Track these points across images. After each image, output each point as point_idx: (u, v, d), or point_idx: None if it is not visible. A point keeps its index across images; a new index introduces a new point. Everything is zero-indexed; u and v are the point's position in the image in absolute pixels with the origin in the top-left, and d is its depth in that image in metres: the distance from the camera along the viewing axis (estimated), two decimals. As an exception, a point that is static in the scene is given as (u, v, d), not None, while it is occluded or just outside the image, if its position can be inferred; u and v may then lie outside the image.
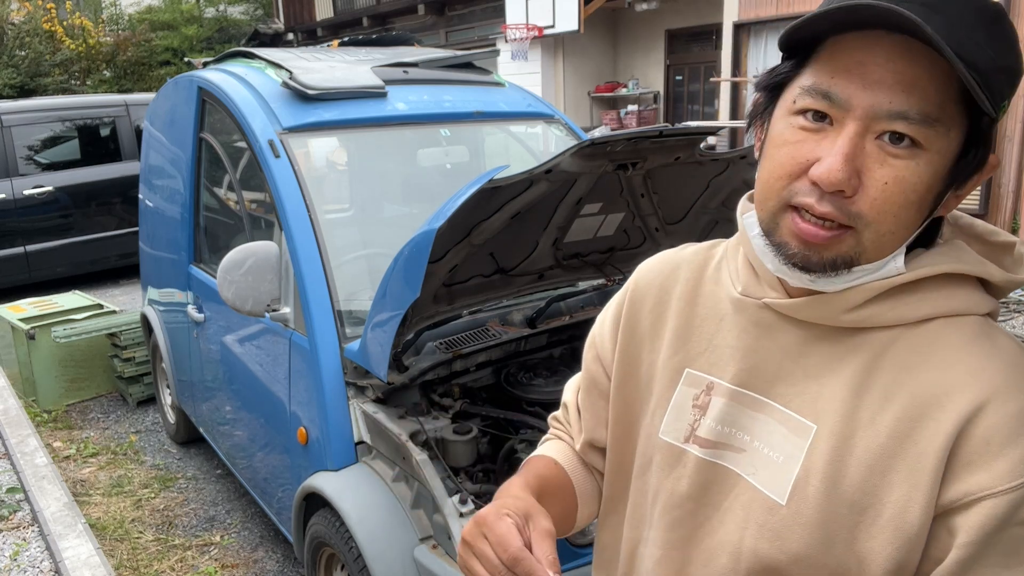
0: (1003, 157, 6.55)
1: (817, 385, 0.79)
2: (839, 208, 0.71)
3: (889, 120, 0.70)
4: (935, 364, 0.74)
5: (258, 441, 2.97)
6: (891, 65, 0.70)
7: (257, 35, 15.95)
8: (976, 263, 0.78)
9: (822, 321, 0.79)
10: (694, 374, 0.89)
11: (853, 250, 0.73)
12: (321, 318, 2.38)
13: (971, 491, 0.69)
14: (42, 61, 14.02)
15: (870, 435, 0.74)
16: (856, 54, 0.71)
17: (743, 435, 0.83)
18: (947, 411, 0.71)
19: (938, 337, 0.76)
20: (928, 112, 0.69)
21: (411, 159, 3.19)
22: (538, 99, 3.46)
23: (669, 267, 0.97)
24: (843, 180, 0.70)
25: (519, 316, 2.67)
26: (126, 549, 3.30)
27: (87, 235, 7.55)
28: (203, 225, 3.49)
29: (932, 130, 0.70)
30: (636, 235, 2.78)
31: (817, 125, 0.73)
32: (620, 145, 2.17)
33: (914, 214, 0.73)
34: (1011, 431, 0.69)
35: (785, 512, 0.77)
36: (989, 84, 0.69)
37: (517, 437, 2.27)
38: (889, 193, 0.71)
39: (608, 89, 11.47)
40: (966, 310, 0.77)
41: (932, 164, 0.71)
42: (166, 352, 3.99)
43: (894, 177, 0.71)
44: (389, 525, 2.10)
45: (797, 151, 0.74)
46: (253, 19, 17.44)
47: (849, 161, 0.70)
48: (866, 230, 0.72)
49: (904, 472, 0.72)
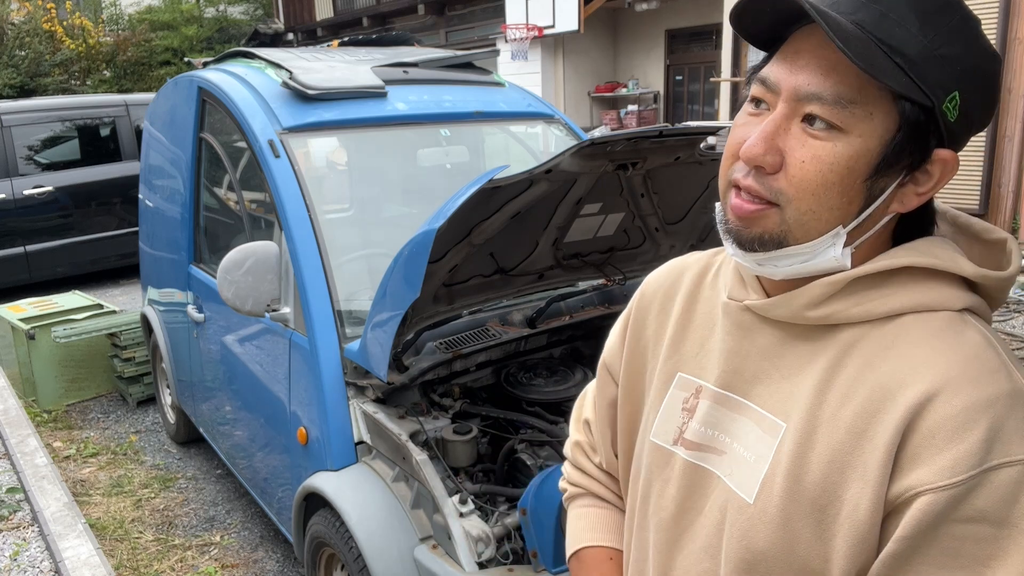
0: (1003, 157, 6.55)
1: (790, 384, 0.79)
2: (761, 183, 0.75)
3: (807, 101, 0.73)
4: (895, 357, 0.74)
5: (258, 441, 2.97)
6: (819, 51, 0.73)
7: (257, 35, 15.94)
8: (948, 259, 0.77)
9: (790, 319, 0.80)
10: (685, 378, 0.90)
11: (778, 227, 0.76)
12: (321, 318, 2.37)
13: (912, 485, 0.68)
14: (42, 61, 14.01)
15: (830, 431, 0.74)
16: (795, 44, 0.76)
17: (724, 437, 0.84)
18: (898, 403, 0.71)
19: (903, 331, 0.75)
20: (842, 93, 0.72)
21: (411, 159, 3.19)
22: (538, 99, 3.46)
23: (675, 274, 0.99)
24: (759, 155, 0.74)
25: (519, 316, 2.67)
26: (126, 549, 3.30)
27: (87, 235, 7.55)
28: (203, 225, 3.49)
29: (848, 112, 0.72)
30: (636, 235, 2.78)
31: (757, 111, 0.78)
32: (620, 145, 2.17)
33: (836, 196, 0.74)
34: (957, 425, 0.68)
35: (752, 511, 0.78)
36: (921, 71, 0.71)
37: (517, 437, 2.27)
38: (806, 171, 0.73)
39: (608, 89, 11.47)
40: (937, 305, 0.76)
41: (852, 146, 0.73)
42: (166, 352, 3.99)
43: (811, 156, 0.73)
44: (389, 525, 2.10)
45: (739, 133, 0.78)
46: (253, 19, 17.44)
47: (768, 139, 0.74)
48: (788, 207, 0.75)
49: (859, 468, 0.72)
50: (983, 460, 0.67)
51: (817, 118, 0.73)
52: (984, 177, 6.61)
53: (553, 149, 3.32)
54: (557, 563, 1.88)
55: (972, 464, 0.67)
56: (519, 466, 2.22)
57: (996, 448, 0.67)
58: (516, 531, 1.98)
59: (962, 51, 0.72)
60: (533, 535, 1.89)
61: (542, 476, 1.92)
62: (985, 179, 6.61)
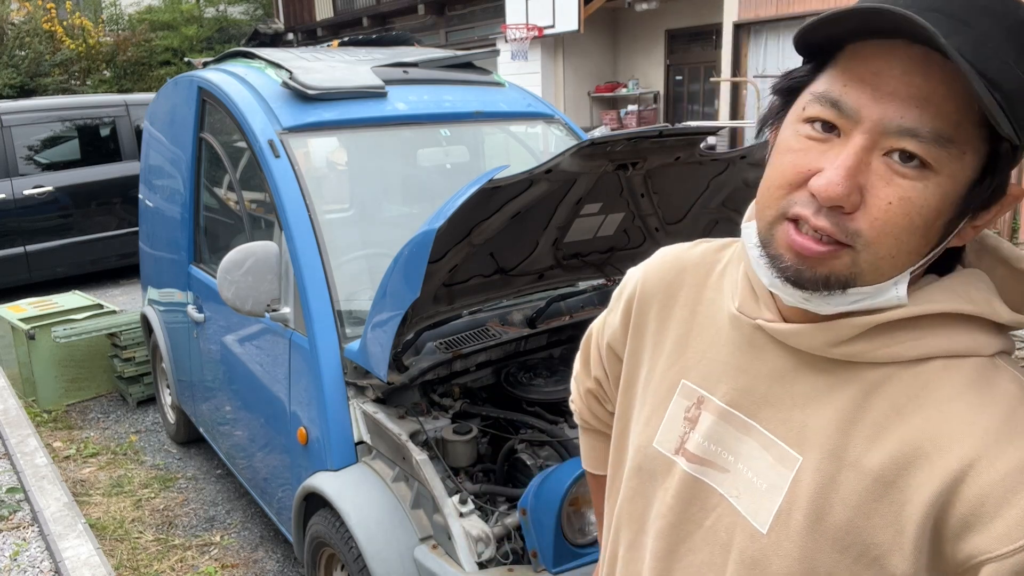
0: (1003, 157, 6.55)
1: (803, 415, 0.76)
2: (836, 224, 0.68)
3: (899, 137, 0.65)
4: (926, 410, 0.71)
5: (258, 441, 2.97)
6: (907, 78, 0.65)
7: (257, 35, 15.94)
8: (984, 302, 0.73)
9: (812, 351, 0.76)
10: (688, 386, 0.88)
11: (848, 269, 0.69)
12: (321, 318, 2.38)
13: (973, 554, 0.67)
14: (42, 61, 14.00)
15: (856, 475, 0.72)
16: (873, 63, 0.67)
17: (728, 455, 0.82)
18: (936, 466, 0.68)
19: (933, 380, 0.72)
20: (941, 131, 0.65)
21: (411, 159, 3.20)
22: (538, 99, 3.46)
23: (676, 269, 0.95)
24: (842, 195, 0.66)
25: (519, 316, 2.67)
26: (126, 549, 3.30)
27: (87, 235, 7.54)
28: (203, 225, 3.49)
29: (944, 151, 0.65)
30: (636, 235, 2.78)
31: (824, 135, 0.69)
32: (620, 145, 2.17)
33: (918, 239, 0.68)
34: (1005, 490, 0.66)
35: (766, 542, 0.76)
36: (1013, 107, 0.64)
37: (517, 437, 2.27)
38: (892, 214, 0.67)
39: (608, 89, 11.47)
40: (968, 351, 0.72)
41: (942, 187, 0.66)
42: (166, 352, 3.99)
43: (899, 197, 0.66)
44: (389, 525, 2.10)
45: (800, 160, 0.70)
46: (253, 19, 17.44)
47: (851, 176, 0.66)
48: (864, 250, 0.68)
49: (889, 517, 0.70)
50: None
51: (912, 155, 0.65)
52: (984, 177, 6.61)
53: (553, 149, 3.31)
54: (557, 563, 1.88)
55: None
56: (519, 466, 2.22)
57: None
58: (516, 531, 1.98)
59: None
60: (533, 535, 1.89)
61: (542, 476, 1.92)
62: (985, 179, 6.61)
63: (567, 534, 1.89)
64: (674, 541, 0.86)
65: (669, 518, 0.87)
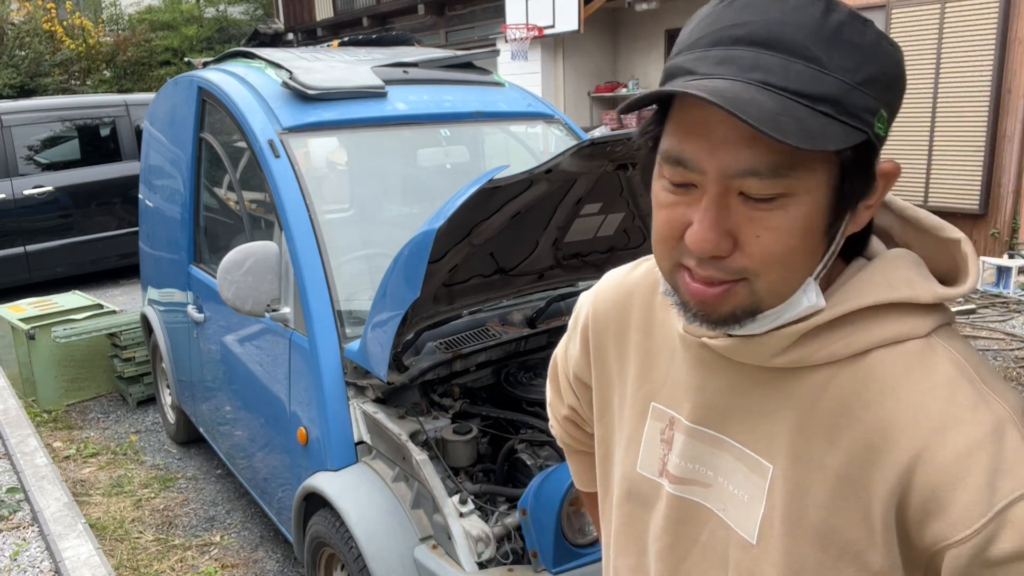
0: (1003, 157, 6.55)
1: (767, 423, 0.78)
2: (719, 268, 0.70)
3: (742, 179, 0.66)
4: (872, 406, 0.72)
5: (258, 441, 2.97)
6: (730, 121, 0.65)
7: (257, 35, 15.93)
8: (905, 285, 0.74)
9: (756, 363, 0.77)
10: (659, 408, 0.89)
11: (748, 300, 0.71)
12: (321, 318, 2.37)
13: (935, 541, 0.69)
14: (42, 61, 14.00)
15: (822, 477, 0.74)
16: (697, 113, 0.68)
17: (707, 471, 0.83)
18: (888, 460, 0.70)
19: (874, 373, 0.73)
20: (778, 163, 0.65)
21: (411, 159, 3.19)
22: (538, 99, 3.46)
23: (624, 292, 0.95)
24: (712, 248, 0.68)
25: (519, 316, 2.67)
26: (126, 549, 3.30)
27: (87, 235, 7.55)
28: (203, 225, 3.49)
29: (788, 179, 0.66)
30: (636, 235, 2.78)
31: (683, 190, 0.71)
32: (620, 145, 2.17)
33: (802, 255, 0.70)
34: (953, 476, 0.68)
35: (756, 551, 0.78)
36: (846, 107, 0.65)
37: (517, 437, 2.27)
38: (765, 246, 0.68)
39: (608, 89, 11.47)
40: (902, 336, 0.73)
41: (805, 205, 0.68)
42: (166, 352, 3.99)
43: (765, 229, 0.68)
44: (389, 525, 2.10)
45: (672, 215, 0.72)
46: (253, 19, 17.43)
47: (715, 226, 0.68)
48: (756, 280, 0.70)
49: (859, 514, 0.72)
50: (991, 503, 0.66)
51: (759, 195, 0.67)
52: (984, 177, 6.61)
53: (553, 149, 3.31)
54: (557, 563, 1.88)
55: (981, 511, 0.66)
56: (519, 466, 2.22)
57: (1000, 486, 0.66)
58: (516, 531, 1.98)
59: (875, 67, 0.67)
60: (533, 535, 1.89)
61: (542, 476, 1.92)
62: (985, 179, 6.61)
63: (567, 534, 1.89)
64: (675, 561, 0.87)
65: (665, 539, 0.87)
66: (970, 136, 6.62)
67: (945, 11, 6.57)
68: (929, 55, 6.70)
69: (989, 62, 6.40)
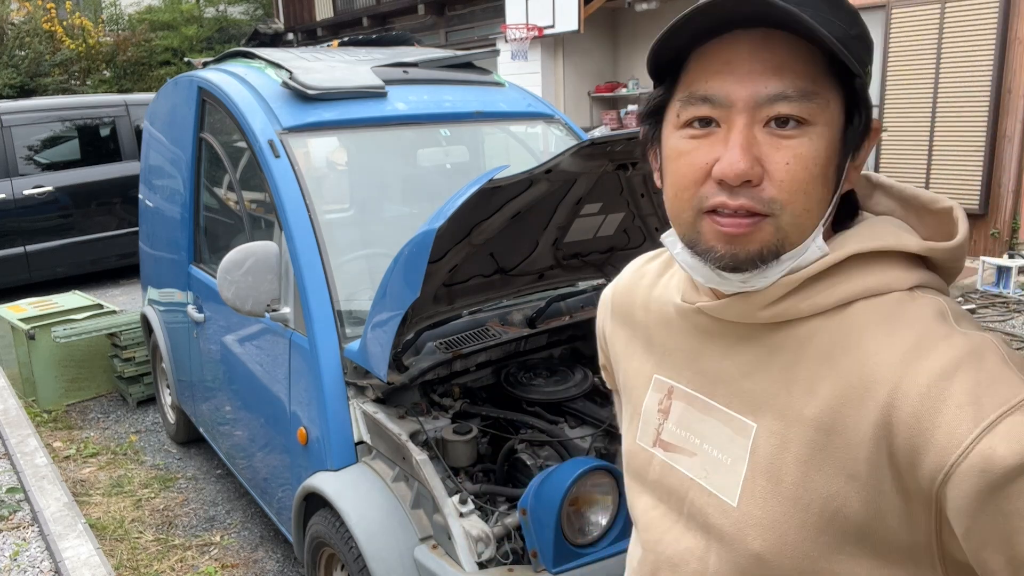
0: (1003, 157, 6.55)
1: (751, 383, 0.79)
2: (752, 198, 0.73)
3: (771, 104, 0.72)
4: (850, 352, 0.73)
5: (258, 441, 2.97)
6: (757, 55, 0.72)
7: (257, 35, 15.92)
8: (891, 236, 0.77)
9: (743, 319, 0.80)
10: (659, 379, 0.91)
11: (775, 237, 0.74)
12: (321, 318, 2.37)
13: (932, 476, 0.66)
14: (42, 61, 13.99)
15: (801, 430, 0.74)
16: (721, 56, 0.74)
17: (694, 438, 0.85)
18: (866, 401, 0.71)
19: (855, 322, 0.75)
20: (804, 87, 0.72)
21: (411, 159, 3.19)
22: (538, 99, 3.46)
23: (636, 277, 1.01)
24: (746, 169, 0.71)
25: (519, 316, 2.67)
26: (126, 549, 3.30)
27: (87, 235, 7.55)
28: (203, 225, 3.49)
29: (813, 104, 0.72)
30: (636, 235, 2.78)
31: (705, 130, 0.75)
32: (620, 145, 2.17)
33: (821, 188, 0.74)
34: (932, 401, 0.67)
35: (737, 514, 0.78)
36: (850, 50, 0.71)
37: (517, 437, 2.27)
38: (793, 172, 0.72)
39: (608, 89, 11.47)
40: (884, 287, 0.76)
41: (823, 136, 0.73)
42: (166, 352, 3.99)
43: (793, 155, 0.72)
44: (389, 525, 2.10)
45: (694, 158, 0.75)
46: (253, 19, 17.42)
47: (747, 151, 0.72)
48: (783, 213, 0.73)
49: (838, 464, 0.72)
50: (977, 419, 0.64)
51: (789, 117, 0.72)
52: (984, 177, 6.61)
53: (553, 149, 3.31)
54: (557, 563, 1.88)
55: (968, 428, 0.64)
56: (519, 466, 2.22)
57: (984, 402, 0.65)
58: (516, 531, 1.98)
59: (862, 30, 0.75)
60: (533, 535, 1.89)
61: (542, 476, 1.92)
62: (985, 179, 6.61)
63: (567, 534, 1.89)
64: (661, 531, 0.88)
65: (659, 508, 0.89)
66: (970, 136, 6.62)
67: (945, 11, 6.57)
68: (929, 55, 6.70)
69: (989, 62, 6.40)
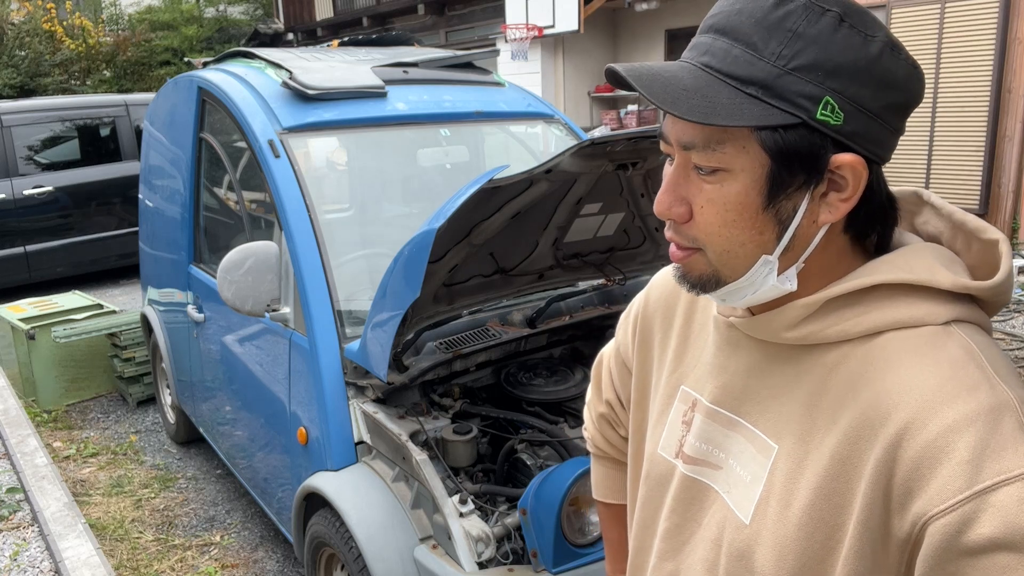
0: (1003, 157, 6.55)
1: (778, 404, 0.79)
2: (678, 233, 0.78)
3: (688, 151, 0.74)
4: (874, 383, 0.71)
5: (258, 441, 2.97)
6: None
7: (257, 35, 15.92)
8: (924, 270, 0.74)
9: (770, 338, 0.80)
10: (686, 391, 0.91)
11: (708, 268, 0.77)
12: (321, 318, 2.37)
13: (916, 519, 0.66)
14: (42, 61, 13.99)
15: (818, 457, 0.73)
16: None
17: (719, 452, 0.84)
18: (878, 436, 0.69)
19: (882, 352, 0.73)
20: (709, 137, 0.72)
21: (411, 159, 3.19)
22: (538, 99, 3.46)
23: (675, 283, 0.98)
24: (664, 211, 0.77)
25: (519, 316, 2.67)
26: (126, 549, 3.30)
27: (87, 235, 7.54)
28: (203, 225, 3.49)
29: (720, 153, 0.72)
30: (636, 235, 2.78)
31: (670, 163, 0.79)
32: (620, 145, 2.17)
33: (741, 231, 0.74)
34: (937, 449, 0.65)
35: (748, 532, 0.78)
36: (778, 93, 0.69)
37: (517, 437, 2.27)
38: (706, 215, 0.75)
39: (608, 89, 11.46)
40: (917, 321, 0.73)
41: (739, 182, 0.73)
42: (166, 352, 3.99)
43: (707, 200, 0.74)
44: (389, 525, 2.10)
45: None
46: (253, 19, 17.41)
47: (670, 191, 0.76)
48: (707, 250, 0.76)
49: (845, 496, 0.71)
50: (973, 480, 0.63)
51: (700, 165, 0.74)
52: (984, 177, 6.61)
53: (553, 149, 3.31)
54: (557, 563, 1.88)
55: (960, 486, 0.63)
56: (519, 466, 2.22)
57: (986, 466, 0.63)
58: (516, 531, 1.98)
59: (818, 54, 0.69)
60: (533, 535, 1.89)
61: (542, 476, 1.92)
62: (985, 179, 6.61)
63: (567, 534, 1.89)
64: (678, 542, 0.88)
65: (673, 520, 0.89)
66: (970, 136, 6.62)
67: (945, 11, 6.57)
68: (929, 55, 6.70)
69: (989, 62, 6.40)
